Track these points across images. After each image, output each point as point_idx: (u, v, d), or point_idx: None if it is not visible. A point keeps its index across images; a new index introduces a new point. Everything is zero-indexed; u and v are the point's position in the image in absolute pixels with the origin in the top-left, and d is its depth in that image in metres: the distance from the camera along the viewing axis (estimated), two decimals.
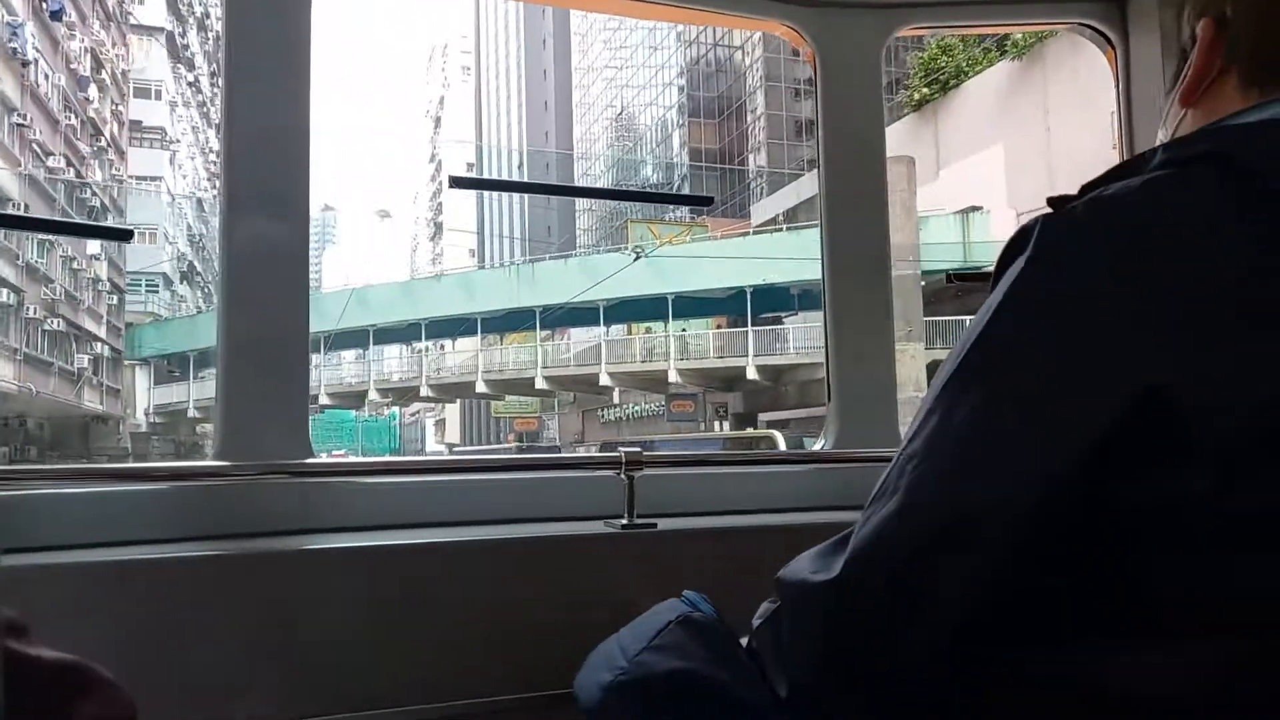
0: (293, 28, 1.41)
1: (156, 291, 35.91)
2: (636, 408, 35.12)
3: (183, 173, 39.88)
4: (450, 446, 60.07)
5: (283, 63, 1.40)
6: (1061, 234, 0.68)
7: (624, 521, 1.38)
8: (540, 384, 29.64)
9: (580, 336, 33.07)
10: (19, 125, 23.11)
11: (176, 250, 38.82)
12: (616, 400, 37.35)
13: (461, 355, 33.86)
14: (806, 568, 0.73)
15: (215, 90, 43.94)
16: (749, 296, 24.10)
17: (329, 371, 33.20)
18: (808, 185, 25.08)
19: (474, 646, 1.29)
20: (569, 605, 1.28)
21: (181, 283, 38.99)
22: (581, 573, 1.36)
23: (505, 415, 46.18)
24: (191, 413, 32.22)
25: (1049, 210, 0.71)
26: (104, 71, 29.87)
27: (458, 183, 2.02)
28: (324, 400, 32.77)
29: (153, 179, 35.51)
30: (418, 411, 72.39)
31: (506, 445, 43.41)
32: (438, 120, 73.71)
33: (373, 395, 34.45)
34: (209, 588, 1.21)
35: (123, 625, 1.14)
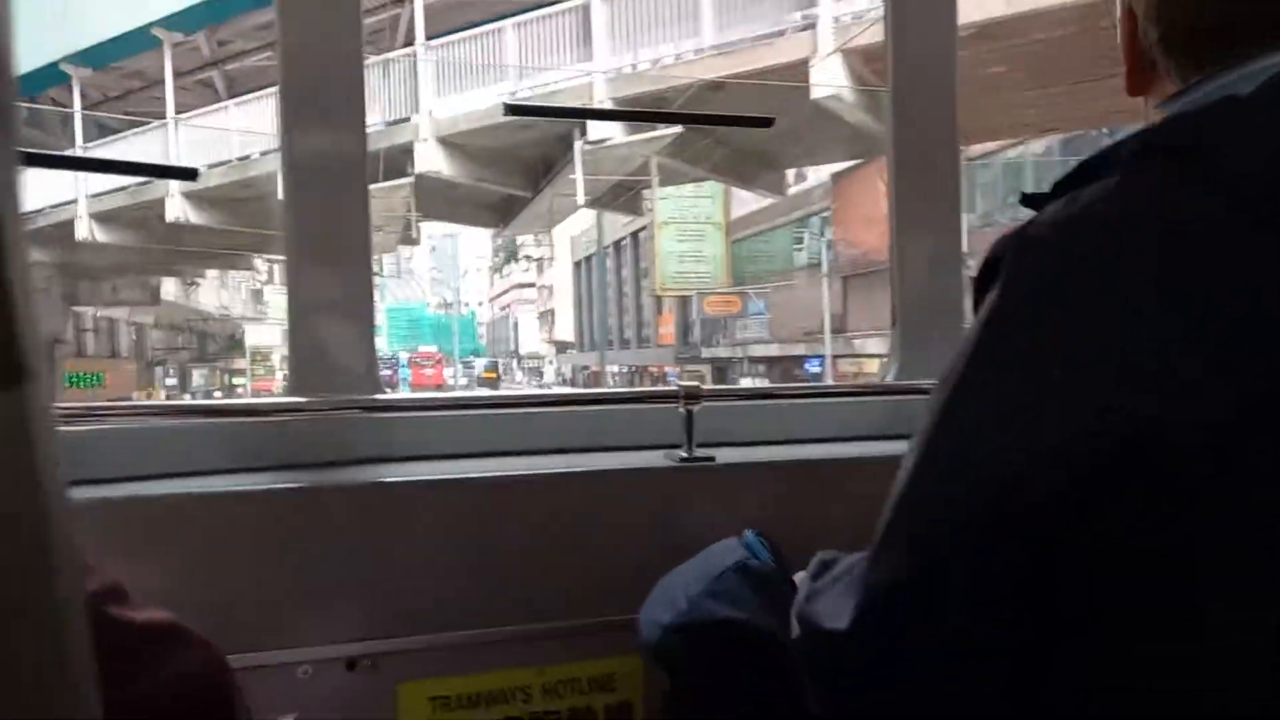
0: None
1: None
2: None
3: None
4: (559, 347, 41.57)
5: None
6: (1033, 268, 0.65)
7: (683, 454, 1.46)
8: None
9: None
10: None
11: None
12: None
13: None
14: (821, 611, 0.72)
15: None
16: None
17: None
18: None
19: (538, 573, 1.36)
20: (632, 535, 1.37)
21: None
22: (643, 503, 1.43)
23: (671, 292, 26.86)
24: None
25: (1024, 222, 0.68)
26: None
27: (512, 110, 2.74)
28: None
29: None
30: (507, 305, 54.34)
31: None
32: None
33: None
34: (286, 516, 1.28)
35: (201, 553, 1.22)
